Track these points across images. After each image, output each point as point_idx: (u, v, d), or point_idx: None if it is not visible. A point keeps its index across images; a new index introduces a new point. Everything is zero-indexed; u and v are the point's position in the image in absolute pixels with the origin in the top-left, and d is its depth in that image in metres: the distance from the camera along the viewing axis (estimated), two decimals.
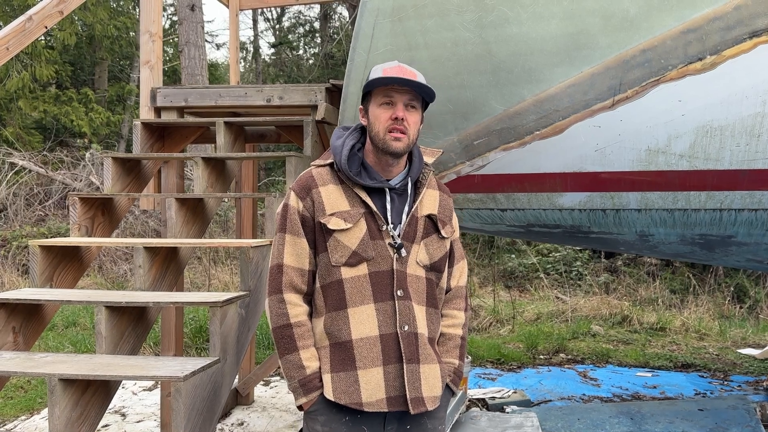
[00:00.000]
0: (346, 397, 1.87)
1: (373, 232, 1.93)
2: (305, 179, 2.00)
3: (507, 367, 6.28)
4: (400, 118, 1.91)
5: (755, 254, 3.82)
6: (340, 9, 16.87)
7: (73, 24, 14.43)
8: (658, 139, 3.06)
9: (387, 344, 1.89)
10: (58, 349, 6.36)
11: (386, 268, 1.92)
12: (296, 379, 1.90)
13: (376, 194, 1.97)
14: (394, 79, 1.90)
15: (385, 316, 1.90)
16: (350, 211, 1.93)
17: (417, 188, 2.03)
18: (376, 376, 1.88)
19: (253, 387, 5.16)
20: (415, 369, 1.90)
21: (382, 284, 1.91)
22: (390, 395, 1.88)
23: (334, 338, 1.91)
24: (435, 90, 1.97)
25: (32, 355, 2.61)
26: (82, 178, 11.36)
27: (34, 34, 3.23)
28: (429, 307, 1.99)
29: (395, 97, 1.92)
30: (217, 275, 9.60)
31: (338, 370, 1.89)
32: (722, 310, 8.43)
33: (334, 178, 1.99)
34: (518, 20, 2.93)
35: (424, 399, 1.91)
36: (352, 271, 1.91)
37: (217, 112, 4.13)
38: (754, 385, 5.65)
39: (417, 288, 1.96)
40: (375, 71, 1.97)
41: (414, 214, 1.99)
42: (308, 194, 1.96)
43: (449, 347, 2.05)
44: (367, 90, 1.97)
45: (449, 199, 2.13)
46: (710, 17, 2.77)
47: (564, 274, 9.89)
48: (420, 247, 1.98)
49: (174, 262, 3.17)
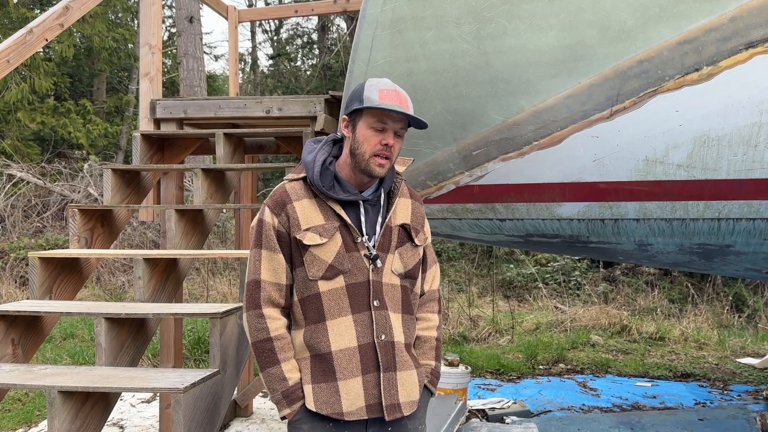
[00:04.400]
0: (327, 408, 1.90)
1: (348, 245, 1.94)
2: (279, 194, 1.99)
3: (506, 377, 6.27)
4: (390, 145, 1.92)
5: (753, 263, 3.82)
6: (338, 21, 16.96)
7: (72, 36, 14.48)
8: (656, 149, 3.08)
9: (365, 354, 1.92)
10: (56, 361, 6.33)
11: (362, 280, 1.94)
12: (279, 391, 1.92)
13: (350, 206, 1.98)
14: (394, 111, 1.89)
15: (363, 327, 1.93)
16: (325, 225, 1.93)
17: (390, 198, 2.05)
18: (356, 386, 1.91)
19: (252, 399, 5.14)
20: (392, 377, 1.94)
21: (358, 295, 1.94)
22: (369, 403, 1.92)
23: (314, 350, 1.94)
24: (434, 100, 1.99)
25: (31, 367, 2.60)
26: (80, 190, 11.36)
27: (34, 46, 3.25)
28: (405, 314, 2.02)
29: (389, 124, 1.92)
30: (215, 286, 9.58)
31: (319, 381, 1.92)
32: (721, 320, 8.43)
33: (308, 192, 1.99)
34: (516, 32, 2.95)
35: (401, 405, 1.95)
36: (329, 284, 1.93)
37: (216, 124, 4.14)
38: (754, 394, 5.64)
39: (392, 296, 1.98)
40: (370, 89, 1.93)
41: (388, 225, 2.01)
42: (283, 209, 1.95)
43: (425, 349, 2.09)
44: (361, 108, 1.93)
45: (421, 207, 2.16)
46: (706, 28, 2.80)
47: (563, 284, 9.89)
48: (395, 256, 2.00)
49: (173, 274, 3.17)
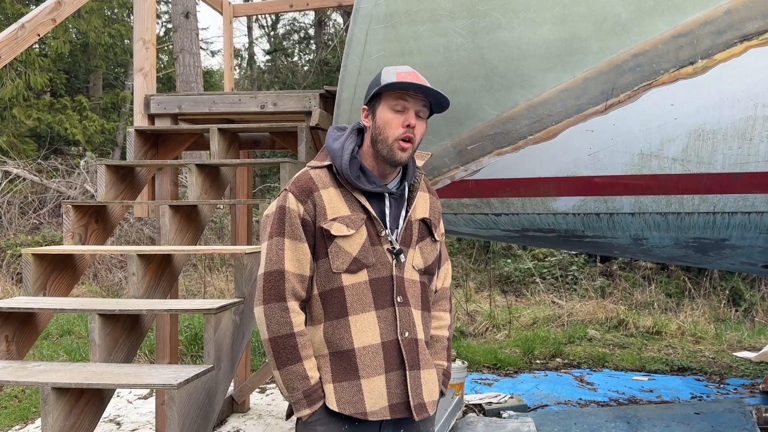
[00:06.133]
0: (350, 407, 1.83)
1: (372, 238, 1.89)
2: (305, 181, 1.91)
3: (503, 372, 6.27)
4: (413, 126, 1.87)
5: (749, 257, 3.82)
6: (335, 16, 16.91)
7: (67, 32, 14.43)
8: (651, 143, 3.07)
9: (389, 351, 1.86)
10: (53, 357, 6.33)
11: (386, 275, 1.89)
12: (300, 390, 1.82)
13: (374, 199, 1.93)
14: (413, 85, 1.84)
15: (386, 324, 1.87)
16: (351, 216, 1.88)
17: (410, 192, 2.01)
18: (379, 385, 1.85)
19: (249, 395, 5.14)
20: (417, 375, 1.89)
21: (382, 291, 1.88)
22: (392, 402, 1.86)
23: (334, 347, 1.87)
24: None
25: (25, 364, 2.59)
26: (77, 186, 11.33)
27: (26, 41, 3.23)
28: (423, 311, 1.98)
29: (409, 103, 1.87)
30: (212, 282, 9.57)
31: (340, 379, 1.85)
32: (718, 314, 8.44)
33: (333, 180, 1.92)
34: (510, 25, 2.94)
35: (426, 404, 1.90)
36: (352, 277, 1.86)
37: (211, 119, 4.13)
38: (751, 388, 5.65)
39: (413, 293, 1.94)
40: (387, 74, 1.89)
41: (410, 219, 1.97)
42: (309, 197, 1.88)
43: (437, 349, 2.04)
44: (380, 91, 1.88)
45: (438, 202, 2.12)
46: (701, 21, 2.79)
47: (560, 279, 9.89)
48: (416, 251, 1.96)
49: (168, 270, 3.16)
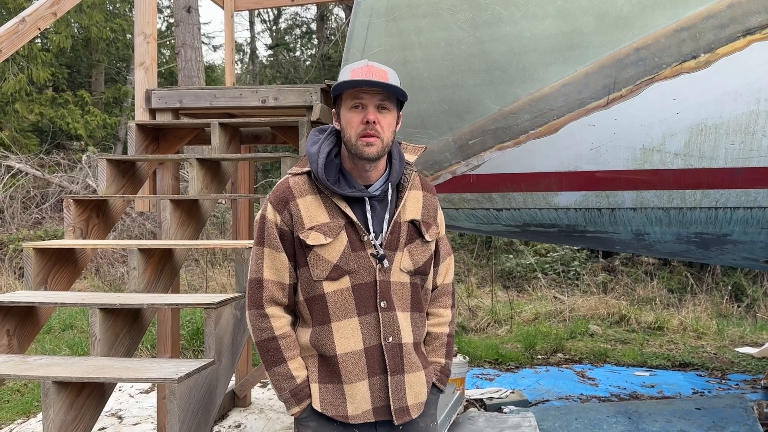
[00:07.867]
0: (332, 410, 1.86)
1: (354, 244, 1.85)
2: (282, 190, 1.90)
3: (505, 367, 6.28)
4: (372, 122, 1.81)
5: (751, 252, 3.82)
6: (337, 10, 16.88)
7: (69, 27, 14.43)
8: (653, 137, 3.06)
9: (371, 357, 1.86)
10: (55, 352, 6.34)
11: (369, 280, 1.86)
12: (287, 390, 1.87)
13: (356, 202, 1.88)
14: (360, 82, 1.80)
15: (369, 329, 1.86)
16: (330, 224, 1.85)
17: (399, 191, 1.95)
18: (362, 389, 1.86)
19: (251, 389, 5.15)
20: (400, 380, 1.88)
21: (365, 296, 1.86)
22: (376, 406, 1.87)
23: (320, 351, 1.89)
24: (429, 89, 1.95)
25: (26, 358, 2.60)
26: (79, 181, 11.35)
27: (27, 35, 3.23)
28: (414, 312, 1.94)
29: (365, 99, 1.82)
30: (214, 277, 9.57)
31: (325, 381, 1.88)
32: (720, 309, 8.43)
33: (312, 187, 1.90)
34: (512, 19, 2.93)
35: (409, 408, 1.89)
36: (334, 285, 1.85)
37: (212, 114, 4.12)
38: (752, 383, 5.65)
39: (401, 295, 1.91)
40: (344, 73, 1.87)
41: (396, 221, 1.91)
42: (285, 207, 1.87)
43: (435, 346, 2.02)
44: (335, 93, 1.87)
45: (434, 198, 2.05)
46: (704, 15, 2.78)
47: (562, 274, 9.89)
48: (404, 253, 1.91)
49: (169, 264, 3.16)
